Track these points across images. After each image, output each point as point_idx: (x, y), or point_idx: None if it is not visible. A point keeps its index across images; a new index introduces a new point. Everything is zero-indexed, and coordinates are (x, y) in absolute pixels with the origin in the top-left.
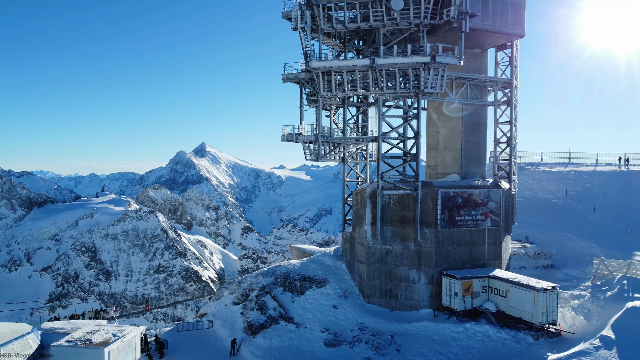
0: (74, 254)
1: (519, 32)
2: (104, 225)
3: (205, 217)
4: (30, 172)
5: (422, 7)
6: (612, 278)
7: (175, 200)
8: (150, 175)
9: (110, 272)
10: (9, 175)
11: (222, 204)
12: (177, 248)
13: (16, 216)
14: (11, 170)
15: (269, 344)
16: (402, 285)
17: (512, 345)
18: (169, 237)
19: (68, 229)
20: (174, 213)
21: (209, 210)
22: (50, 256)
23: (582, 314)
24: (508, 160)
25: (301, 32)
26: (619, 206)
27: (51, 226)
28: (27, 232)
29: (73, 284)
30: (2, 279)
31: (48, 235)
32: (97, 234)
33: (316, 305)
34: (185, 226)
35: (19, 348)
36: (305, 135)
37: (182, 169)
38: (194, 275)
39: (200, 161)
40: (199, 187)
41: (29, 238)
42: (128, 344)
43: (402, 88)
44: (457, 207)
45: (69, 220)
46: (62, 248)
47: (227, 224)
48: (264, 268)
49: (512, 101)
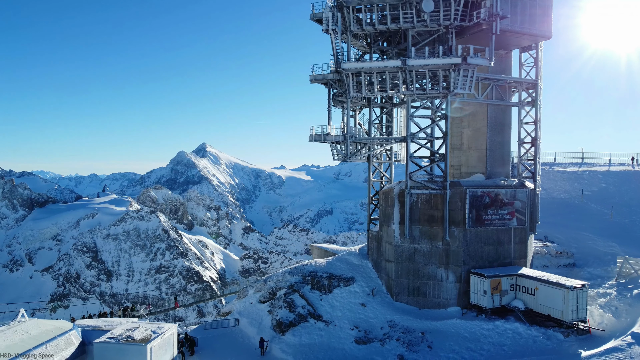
0: (75, 254)
1: (546, 34)
2: (105, 225)
3: (206, 217)
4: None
5: (452, 9)
6: (637, 277)
7: (177, 200)
8: (150, 175)
9: (111, 272)
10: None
11: (222, 204)
12: (179, 248)
13: (17, 216)
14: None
15: (298, 342)
16: (430, 284)
17: (544, 342)
18: (170, 237)
19: (69, 229)
20: (175, 213)
21: (210, 210)
22: (51, 256)
23: (609, 312)
24: (532, 160)
25: (332, 34)
26: (636, 206)
27: (52, 226)
28: (28, 232)
29: (74, 284)
30: (3, 279)
31: (49, 235)
32: (98, 234)
33: (344, 303)
34: (187, 226)
35: (63, 344)
36: (333, 135)
37: (183, 169)
38: (195, 276)
39: (201, 161)
40: (199, 187)
41: (31, 238)
42: (167, 340)
43: (431, 89)
44: (485, 206)
45: (70, 221)
46: (63, 248)
47: (228, 224)
48: (289, 267)
49: (537, 102)
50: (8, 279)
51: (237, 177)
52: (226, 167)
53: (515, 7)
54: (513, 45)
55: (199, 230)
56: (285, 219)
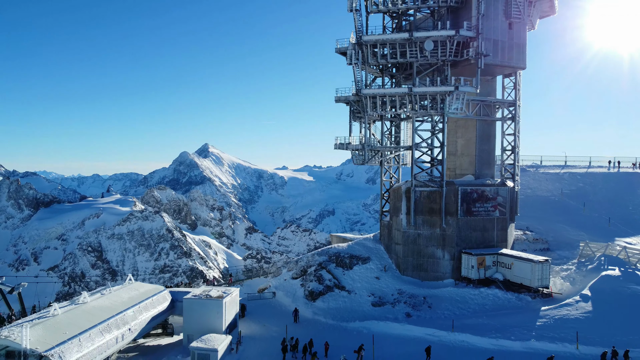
0: (80, 253)
1: (521, 65)
2: (110, 225)
3: (210, 217)
4: (34, 172)
5: (447, 48)
6: (594, 256)
7: (180, 200)
8: (153, 175)
9: (116, 272)
10: (14, 175)
11: (225, 205)
12: (182, 248)
13: (23, 216)
14: (15, 171)
15: (327, 306)
16: (430, 261)
17: (516, 303)
18: (174, 237)
19: (74, 229)
20: (179, 213)
21: (213, 210)
22: (56, 256)
23: (568, 281)
24: (512, 164)
25: (354, 67)
26: (605, 202)
27: (58, 226)
28: (34, 232)
29: (80, 284)
30: (9, 278)
31: (55, 235)
32: (103, 234)
33: (362, 277)
34: (190, 226)
35: (161, 299)
36: (354, 144)
37: (186, 169)
38: (199, 275)
39: (203, 162)
40: (202, 187)
41: (36, 238)
42: (234, 299)
43: (431, 108)
44: (473, 200)
45: (76, 220)
46: (68, 248)
47: (231, 225)
48: (318, 250)
49: (516, 117)
50: (14, 278)
51: (240, 177)
52: (228, 167)
53: (496, 46)
54: (497, 73)
55: (202, 231)
56: (288, 219)
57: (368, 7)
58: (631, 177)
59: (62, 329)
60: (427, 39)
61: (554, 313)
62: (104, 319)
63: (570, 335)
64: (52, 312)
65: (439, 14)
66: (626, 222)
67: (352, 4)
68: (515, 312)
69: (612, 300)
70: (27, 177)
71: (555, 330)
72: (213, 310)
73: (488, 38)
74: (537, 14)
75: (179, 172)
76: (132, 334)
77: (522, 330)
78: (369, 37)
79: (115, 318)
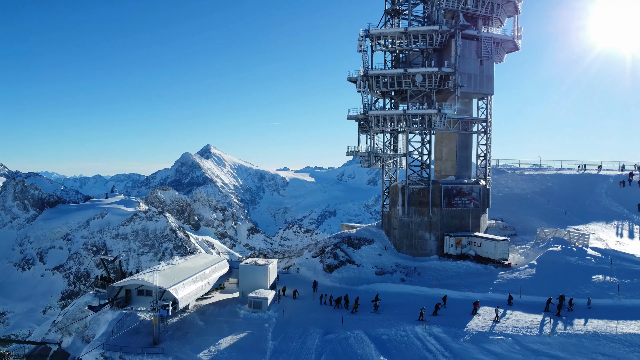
0: (85, 253)
1: (490, 92)
2: (114, 225)
3: (213, 217)
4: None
5: (433, 80)
6: (546, 238)
7: (184, 201)
8: (155, 176)
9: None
10: (17, 176)
11: (227, 206)
12: (186, 248)
13: (28, 216)
14: (18, 172)
15: (341, 276)
16: (420, 242)
17: (482, 270)
18: (177, 237)
19: (79, 229)
20: (182, 214)
21: (216, 211)
22: (62, 255)
23: (524, 256)
24: (484, 167)
25: (362, 93)
26: (567, 198)
27: (63, 226)
28: (39, 231)
29: (84, 283)
30: (15, 278)
31: (60, 235)
32: (107, 234)
33: (368, 254)
34: (193, 227)
35: (223, 265)
36: (361, 152)
37: (188, 170)
38: None
39: (205, 162)
40: (204, 188)
41: (41, 238)
42: (274, 266)
43: (421, 125)
44: (453, 195)
45: (80, 221)
46: (73, 247)
47: (234, 225)
48: (333, 234)
49: (488, 131)
50: (20, 277)
51: (241, 178)
52: (230, 168)
53: (470, 78)
54: (472, 97)
55: (205, 231)
56: (289, 220)
57: (373, 47)
58: (592, 178)
59: (171, 277)
60: (418, 73)
61: (507, 276)
62: (193, 273)
63: (516, 289)
64: (161, 267)
65: (427, 53)
66: (579, 214)
67: (361, 46)
68: (481, 276)
69: (550, 267)
70: (29, 177)
71: (507, 286)
72: (261, 273)
73: (463, 72)
74: (504, 51)
75: (181, 173)
76: (209, 285)
77: (483, 286)
78: (374, 72)
79: (199, 274)
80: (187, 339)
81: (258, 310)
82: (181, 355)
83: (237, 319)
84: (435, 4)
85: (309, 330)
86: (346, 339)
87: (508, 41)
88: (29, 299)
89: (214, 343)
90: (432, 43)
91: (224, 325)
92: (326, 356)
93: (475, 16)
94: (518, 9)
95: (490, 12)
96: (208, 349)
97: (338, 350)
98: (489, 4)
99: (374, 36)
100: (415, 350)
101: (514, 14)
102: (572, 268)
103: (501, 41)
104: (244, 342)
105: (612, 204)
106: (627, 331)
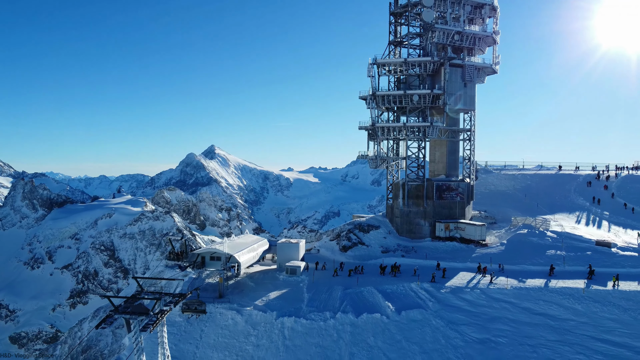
0: (93, 252)
1: (473, 108)
2: (122, 225)
3: (218, 217)
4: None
5: (427, 99)
6: (518, 225)
7: (189, 201)
8: (160, 177)
9: (128, 270)
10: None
11: (231, 206)
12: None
13: (37, 216)
14: (25, 172)
15: (354, 254)
16: (417, 228)
17: (465, 249)
18: (184, 236)
19: (87, 229)
20: (188, 214)
21: (221, 211)
22: (70, 254)
23: (498, 238)
24: (469, 168)
25: (371, 109)
26: (541, 193)
27: (71, 226)
28: (48, 231)
29: (93, 281)
30: (25, 276)
31: (68, 234)
32: (115, 234)
33: (375, 237)
34: (199, 226)
35: (265, 243)
36: (370, 156)
37: (192, 170)
38: None
39: (210, 163)
40: (208, 189)
41: (50, 237)
42: (303, 244)
43: (417, 135)
44: (443, 190)
45: (89, 220)
46: (82, 247)
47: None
48: (347, 222)
49: (472, 139)
50: (29, 276)
51: (246, 178)
52: (234, 169)
53: (457, 98)
54: (459, 112)
55: (210, 231)
56: (293, 220)
57: (379, 72)
58: (566, 178)
59: (233, 248)
60: (415, 94)
61: (483, 251)
62: (247, 246)
63: (488, 260)
64: (225, 240)
65: (423, 77)
66: (549, 206)
67: (370, 72)
68: (463, 252)
69: (517, 245)
70: (36, 178)
71: (481, 258)
72: (294, 249)
73: (451, 93)
74: (485, 75)
75: (186, 174)
76: (257, 256)
77: (464, 258)
78: (380, 93)
79: (250, 247)
80: (244, 293)
81: (293, 275)
82: (242, 302)
83: (278, 281)
84: (428, 39)
85: (333, 287)
86: (361, 292)
87: (487, 67)
88: (39, 297)
89: (264, 295)
90: (426, 70)
91: (269, 285)
92: (347, 302)
93: (461, 47)
94: (496, 41)
95: (472, 44)
96: (261, 299)
97: (355, 299)
98: (472, 38)
99: (380, 64)
100: (410, 298)
101: (493, 44)
102: (533, 245)
103: (482, 67)
104: (286, 294)
105: (577, 198)
106: (563, 285)
